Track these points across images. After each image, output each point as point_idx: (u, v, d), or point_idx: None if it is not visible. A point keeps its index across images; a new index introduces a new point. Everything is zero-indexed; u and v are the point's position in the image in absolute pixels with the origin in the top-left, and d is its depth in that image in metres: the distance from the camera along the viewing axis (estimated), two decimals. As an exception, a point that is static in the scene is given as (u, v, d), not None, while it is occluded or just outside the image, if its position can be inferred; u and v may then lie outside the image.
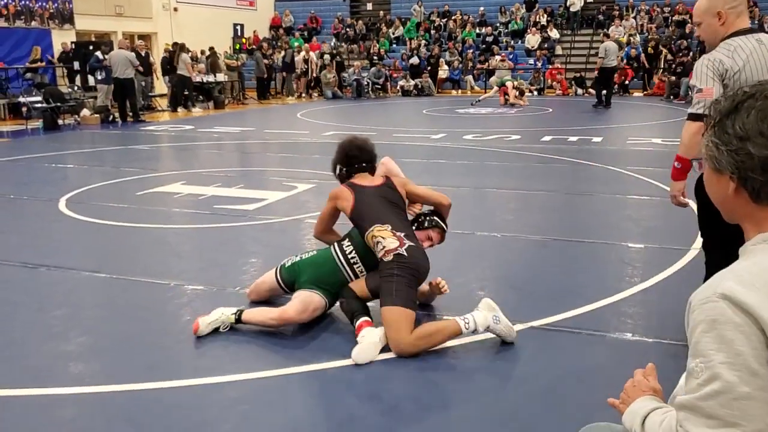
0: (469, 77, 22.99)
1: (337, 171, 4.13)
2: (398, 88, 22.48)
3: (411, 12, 26.37)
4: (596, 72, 16.87)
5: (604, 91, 16.52)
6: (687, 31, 21.47)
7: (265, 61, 21.65)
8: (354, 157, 4.04)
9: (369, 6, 28.07)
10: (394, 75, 23.15)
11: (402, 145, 11.08)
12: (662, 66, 20.12)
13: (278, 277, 3.89)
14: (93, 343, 3.56)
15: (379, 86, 22.28)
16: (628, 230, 5.79)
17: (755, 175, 1.25)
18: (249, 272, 4.70)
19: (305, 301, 3.62)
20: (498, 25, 25.08)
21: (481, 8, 25.56)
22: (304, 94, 22.37)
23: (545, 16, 24.56)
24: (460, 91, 22.78)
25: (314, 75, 22.56)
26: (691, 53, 19.62)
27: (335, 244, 3.86)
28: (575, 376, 3.15)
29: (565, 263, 4.91)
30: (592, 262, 4.95)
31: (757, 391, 1.14)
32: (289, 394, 3.01)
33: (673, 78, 18.76)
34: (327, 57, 22.26)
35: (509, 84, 17.97)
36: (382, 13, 27.30)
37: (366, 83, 21.88)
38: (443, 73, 23.15)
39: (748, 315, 1.17)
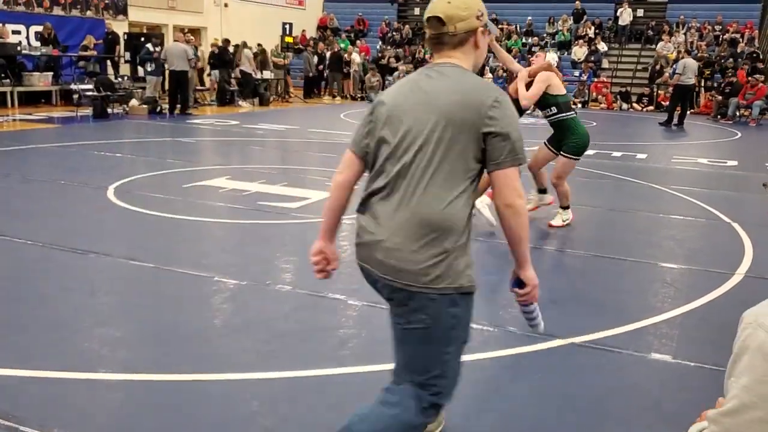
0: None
1: None
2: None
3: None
4: (671, 89, 16.37)
5: (677, 110, 15.79)
6: (738, 50, 21.06)
7: (314, 59, 21.85)
8: None
9: (416, 10, 28.10)
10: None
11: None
12: (708, 85, 19.74)
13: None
14: (140, 331, 3.66)
15: (422, 91, 22.31)
16: (671, 250, 5.72)
17: None
18: (290, 270, 4.77)
19: None
20: (545, 35, 24.92)
21: (529, 18, 25.41)
22: (352, 96, 22.50)
23: (593, 28, 24.32)
24: (503, 99, 22.68)
25: (357, 77, 22.68)
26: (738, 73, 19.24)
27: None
28: (616, 395, 3.14)
29: (608, 280, 4.89)
30: (634, 280, 4.91)
31: (766, 415, 1.25)
32: (327, 394, 3.05)
33: (720, 98, 18.41)
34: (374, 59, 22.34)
35: None
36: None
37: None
38: (488, 80, 23.08)
39: None
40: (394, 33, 26.63)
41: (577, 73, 22.50)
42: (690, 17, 23.53)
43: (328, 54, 22.55)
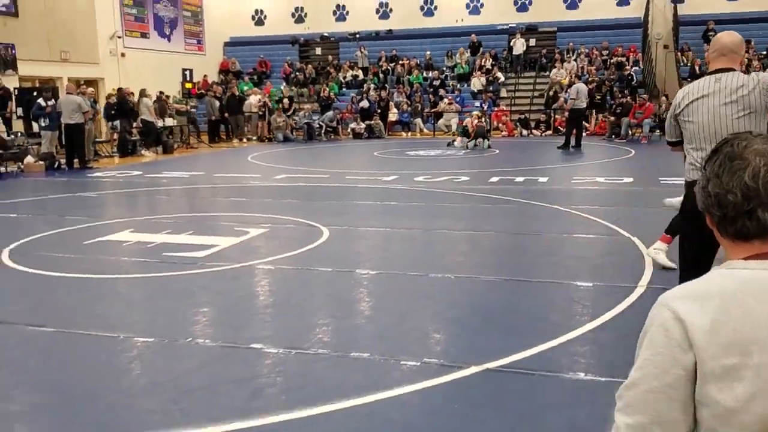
0: (419, 120, 23.37)
1: None
2: (349, 130, 22.69)
3: (355, 57, 26.81)
4: (566, 114, 17.09)
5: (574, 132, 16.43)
6: (624, 72, 22.32)
7: (216, 103, 21.65)
8: None
9: (318, 50, 28.40)
10: (345, 118, 23.37)
11: (355, 188, 11.16)
12: (604, 105, 20.80)
13: None
14: (40, 402, 3.45)
15: (331, 129, 22.45)
16: (576, 269, 5.92)
17: (714, 210, 1.43)
18: (200, 322, 4.63)
19: None
20: (444, 68, 25.66)
21: (428, 52, 26.13)
22: (257, 138, 22.35)
23: (490, 59, 25.24)
24: (410, 133, 23.11)
25: (262, 117, 22.60)
26: (629, 95, 20.38)
27: None
28: (531, 417, 3.18)
29: (517, 303, 4.99)
30: (542, 301, 5.04)
31: (665, 387, 1.32)
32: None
33: (613, 118, 19.42)
34: (285, 100, 22.34)
35: (472, 120, 18.31)
36: (330, 57, 27.65)
37: (317, 126, 22.03)
38: (393, 116, 23.48)
39: (677, 321, 1.32)
40: (297, 73, 26.77)
41: (477, 104, 23.22)
42: (579, 44, 24.81)
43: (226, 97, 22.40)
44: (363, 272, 5.87)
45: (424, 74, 25.42)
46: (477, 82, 24.13)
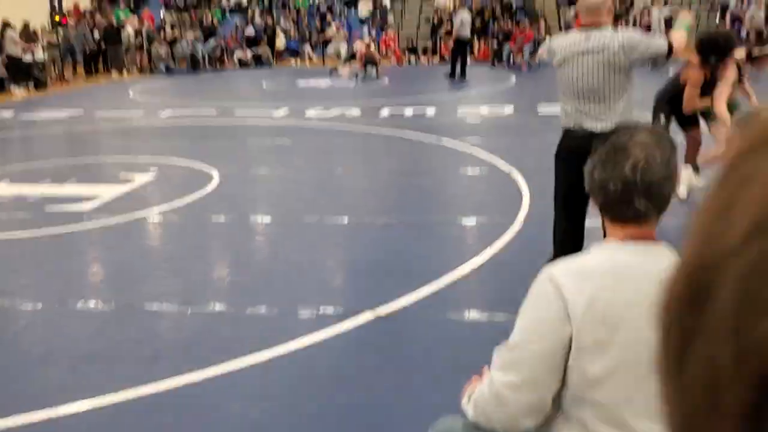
0: (307, 47, 22.92)
1: None
2: (235, 59, 21.98)
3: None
4: (452, 43, 17.16)
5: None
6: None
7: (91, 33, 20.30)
8: None
9: (198, -27, 26.94)
10: (230, 46, 22.57)
11: (244, 125, 10.99)
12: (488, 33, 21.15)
13: None
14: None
15: (215, 58, 21.66)
16: (459, 207, 6.22)
17: (597, 194, 1.62)
18: (92, 283, 4.59)
19: None
20: (330, -7, 25.12)
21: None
22: (138, 69, 21.23)
23: (376, -17, 24.90)
24: (299, 60, 22.67)
25: (141, 47, 21.46)
26: (510, 22, 20.79)
27: None
28: (420, 362, 3.45)
29: (408, 246, 5.22)
30: (431, 242, 5.29)
31: (541, 353, 1.53)
32: (145, 416, 3.05)
33: (496, 45, 19.83)
34: (166, 28, 21.22)
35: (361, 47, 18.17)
36: (212, -20, 26.35)
37: (201, 55, 21.18)
38: (280, 43, 22.90)
39: (559, 294, 1.52)
40: (177, -2, 25.40)
41: (365, 30, 23.00)
42: (463, -31, 24.86)
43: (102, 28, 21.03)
44: (257, 220, 5.93)
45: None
46: (364, 8, 23.83)
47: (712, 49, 5.14)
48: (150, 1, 25.88)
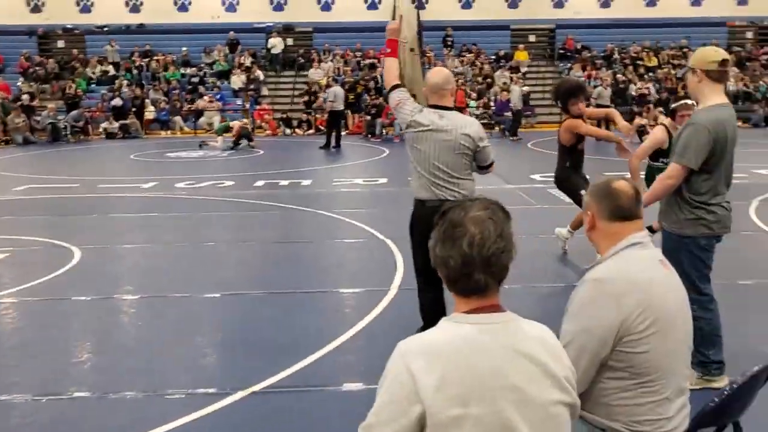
0: (178, 118, 22.56)
1: None
2: (101, 130, 21.19)
3: (104, 51, 25.13)
4: (326, 116, 17.50)
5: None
6: (377, 74, 23.56)
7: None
8: None
9: (60, 43, 26.09)
10: (96, 116, 21.79)
11: (110, 198, 10.53)
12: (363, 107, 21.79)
13: None
14: None
15: (79, 129, 20.77)
16: (336, 276, 6.22)
17: (441, 269, 1.68)
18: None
19: None
20: (203, 65, 25.02)
21: (185, 48, 25.27)
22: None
23: (249, 57, 25.11)
24: (169, 132, 22.23)
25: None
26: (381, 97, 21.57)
27: None
28: (296, 438, 3.34)
29: (283, 318, 5.12)
30: (308, 313, 5.22)
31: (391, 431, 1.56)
32: None
33: (369, 118, 20.43)
34: (24, 97, 20.11)
35: (237, 124, 18.08)
36: (75, 51, 25.54)
37: (63, 126, 20.26)
38: (150, 114, 22.40)
39: (409, 375, 1.55)
40: (37, 68, 24.35)
41: (239, 102, 23.03)
42: (334, 45, 25.64)
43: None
44: (122, 297, 5.62)
45: (182, 71, 24.59)
46: (237, 80, 23.91)
47: (558, 96, 6.38)
48: (5, 70, 24.69)
